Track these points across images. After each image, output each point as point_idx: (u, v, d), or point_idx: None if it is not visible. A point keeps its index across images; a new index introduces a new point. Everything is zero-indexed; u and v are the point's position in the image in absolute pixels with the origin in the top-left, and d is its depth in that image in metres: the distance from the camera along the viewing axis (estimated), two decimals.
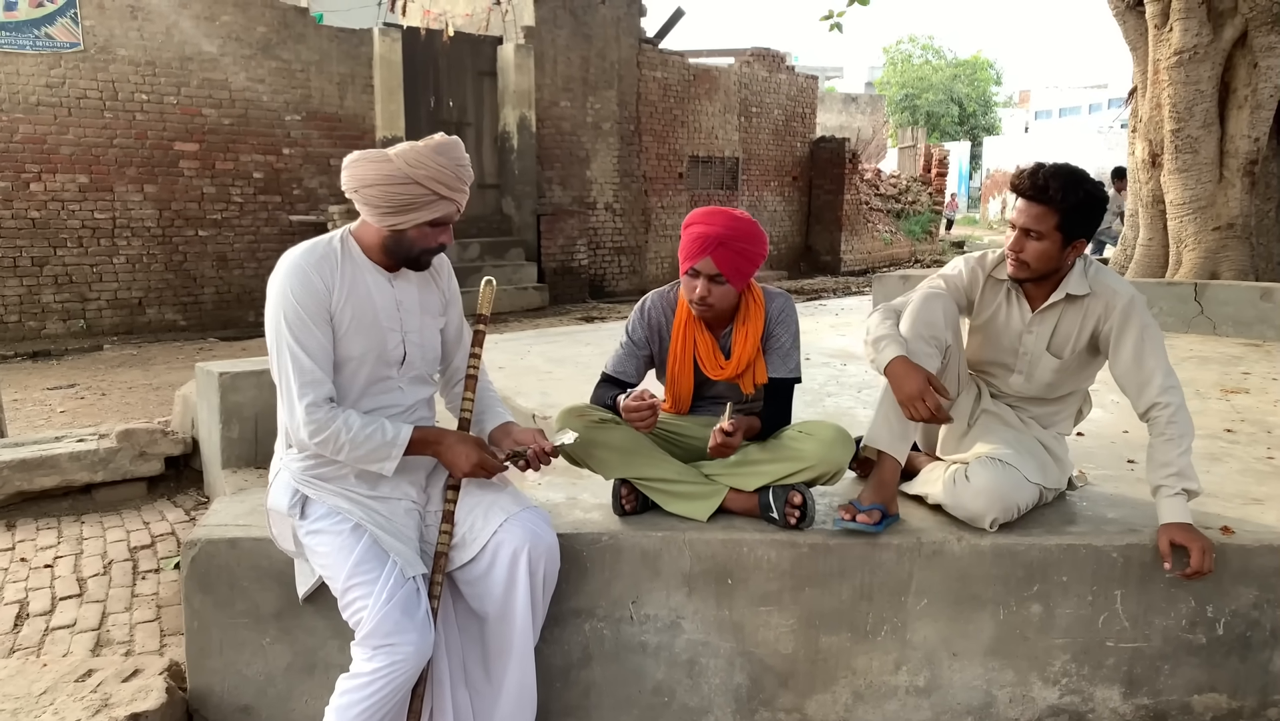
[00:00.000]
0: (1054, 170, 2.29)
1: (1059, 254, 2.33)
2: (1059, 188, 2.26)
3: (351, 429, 1.99)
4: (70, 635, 3.08)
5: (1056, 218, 2.28)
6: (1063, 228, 2.29)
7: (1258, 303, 5.74)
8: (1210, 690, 2.41)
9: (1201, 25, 6.64)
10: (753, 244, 2.35)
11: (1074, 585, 2.34)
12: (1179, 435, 2.28)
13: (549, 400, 3.96)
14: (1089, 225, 2.31)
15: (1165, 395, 2.30)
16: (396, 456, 2.04)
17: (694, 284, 2.34)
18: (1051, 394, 2.54)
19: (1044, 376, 2.50)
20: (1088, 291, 2.39)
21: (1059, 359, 2.47)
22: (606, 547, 2.36)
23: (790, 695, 2.41)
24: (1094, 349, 2.46)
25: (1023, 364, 2.51)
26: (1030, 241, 2.32)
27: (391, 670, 1.94)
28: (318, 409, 1.99)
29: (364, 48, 11.09)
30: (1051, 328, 2.45)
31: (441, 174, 2.03)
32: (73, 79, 9.28)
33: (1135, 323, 2.35)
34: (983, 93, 43.84)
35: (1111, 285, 2.40)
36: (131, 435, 4.42)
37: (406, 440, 2.04)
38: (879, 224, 19.12)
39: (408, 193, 2.01)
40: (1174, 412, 2.29)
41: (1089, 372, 2.55)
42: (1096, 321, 2.41)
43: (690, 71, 15.12)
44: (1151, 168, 7.32)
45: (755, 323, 2.43)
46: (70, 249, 9.52)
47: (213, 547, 2.31)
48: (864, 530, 2.31)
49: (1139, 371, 2.33)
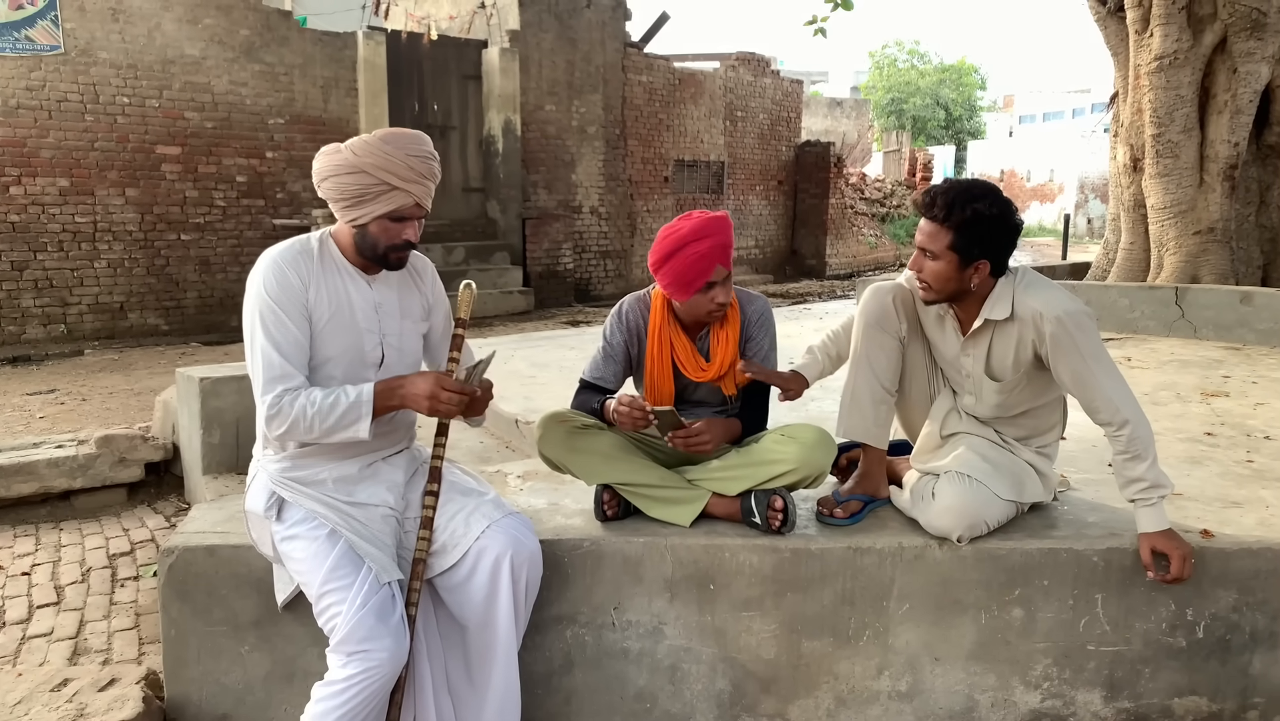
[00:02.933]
0: (948, 187, 2.22)
1: (957, 274, 2.23)
2: (945, 205, 2.18)
3: (315, 402, 1.98)
4: (47, 644, 3.05)
5: (949, 236, 2.19)
6: (956, 247, 2.20)
7: (1238, 306, 5.78)
8: (1190, 693, 2.42)
9: (1182, 31, 6.69)
10: (731, 232, 2.40)
11: (1055, 589, 2.35)
12: (1140, 451, 2.22)
13: (532, 405, 3.95)
14: (987, 245, 2.20)
15: (1117, 414, 2.21)
16: (367, 414, 1.99)
17: (713, 294, 2.35)
18: (1007, 413, 2.44)
19: (990, 399, 2.41)
20: (1009, 314, 2.28)
21: (1000, 381, 2.38)
22: (588, 553, 2.35)
23: (773, 700, 2.40)
24: (1043, 367, 2.34)
25: (969, 385, 2.44)
26: (927, 261, 2.25)
27: (366, 676, 1.92)
28: (279, 399, 1.98)
29: (348, 51, 11.05)
30: (985, 351, 2.37)
31: (389, 163, 2.01)
32: (53, 82, 9.21)
33: (1068, 344, 2.21)
34: (968, 97, 44.05)
35: (1036, 307, 2.24)
36: (111, 441, 4.38)
37: (371, 395, 2.00)
38: (864, 228, 19.18)
39: (357, 183, 2.02)
40: (1131, 431, 2.21)
41: (1049, 389, 2.43)
42: (1031, 345, 2.29)
43: (675, 75, 15.14)
44: (1133, 172, 7.37)
45: (733, 325, 2.45)
46: (50, 253, 9.43)
47: (190, 555, 2.29)
48: (840, 524, 2.35)
49: (1083, 392, 2.25)
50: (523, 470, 2.94)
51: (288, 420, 1.98)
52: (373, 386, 2.03)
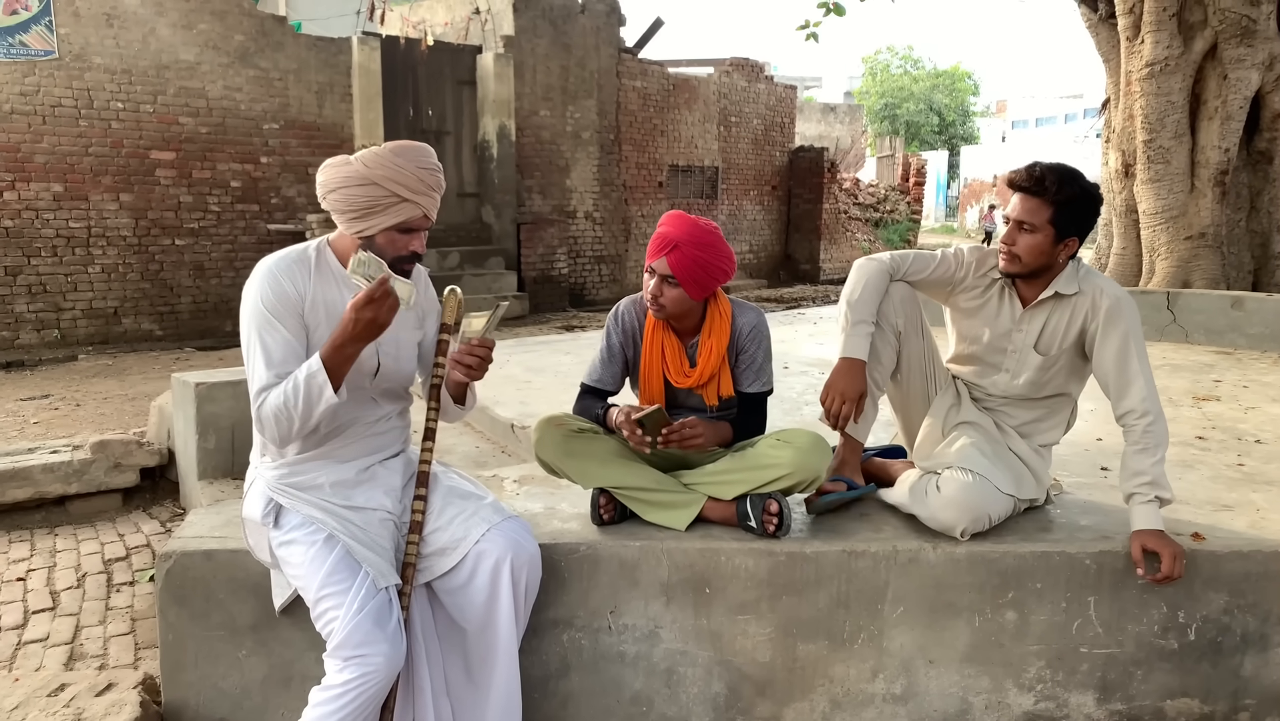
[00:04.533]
0: (1050, 166, 2.34)
1: (1051, 249, 2.36)
2: (1054, 181, 2.30)
3: (283, 389, 1.97)
4: (43, 649, 3.05)
5: (1050, 211, 2.31)
6: (1055, 222, 2.32)
7: (1228, 311, 5.82)
8: (1183, 695, 2.44)
9: (1172, 38, 6.74)
10: (711, 254, 2.36)
11: (1048, 592, 2.36)
12: (1154, 445, 2.30)
13: (528, 409, 3.96)
14: (1081, 222, 2.35)
15: (1144, 404, 2.32)
16: (324, 378, 1.95)
17: (650, 282, 2.39)
18: (1037, 393, 2.54)
19: (1030, 375, 2.51)
20: (1077, 290, 2.42)
21: (1045, 356, 2.49)
22: (585, 557, 2.36)
23: (768, 703, 2.42)
24: (1081, 350, 2.48)
25: (1010, 361, 2.53)
26: (1023, 235, 2.35)
27: (363, 681, 1.93)
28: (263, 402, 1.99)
29: (342, 56, 11.06)
30: (1040, 325, 2.48)
31: (400, 175, 2.03)
32: (47, 87, 9.20)
33: (1120, 324, 2.37)
34: (961, 102, 44.26)
35: (1101, 285, 2.42)
36: (106, 446, 4.37)
37: (319, 362, 1.96)
38: (858, 232, 19.24)
39: (367, 195, 2.02)
40: (1151, 422, 2.31)
41: (1076, 378, 2.56)
42: (1084, 319, 2.43)
43: (670, 81, 15.18)
44: (1125, 178, 7.42)
45: (720, 336, 2.44)
46: (45, 258, 9.42)
47: (188, 560, 2.30)
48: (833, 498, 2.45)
49: (1120, 374, 2.35)
50: (519, 474, 2.95)
51: (271, 418, 1.98)
52: (317, 355, 1.98)
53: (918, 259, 2.56)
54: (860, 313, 2.46)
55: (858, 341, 2.44)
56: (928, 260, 2.55)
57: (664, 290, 2.37)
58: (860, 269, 2.53)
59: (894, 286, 2.52)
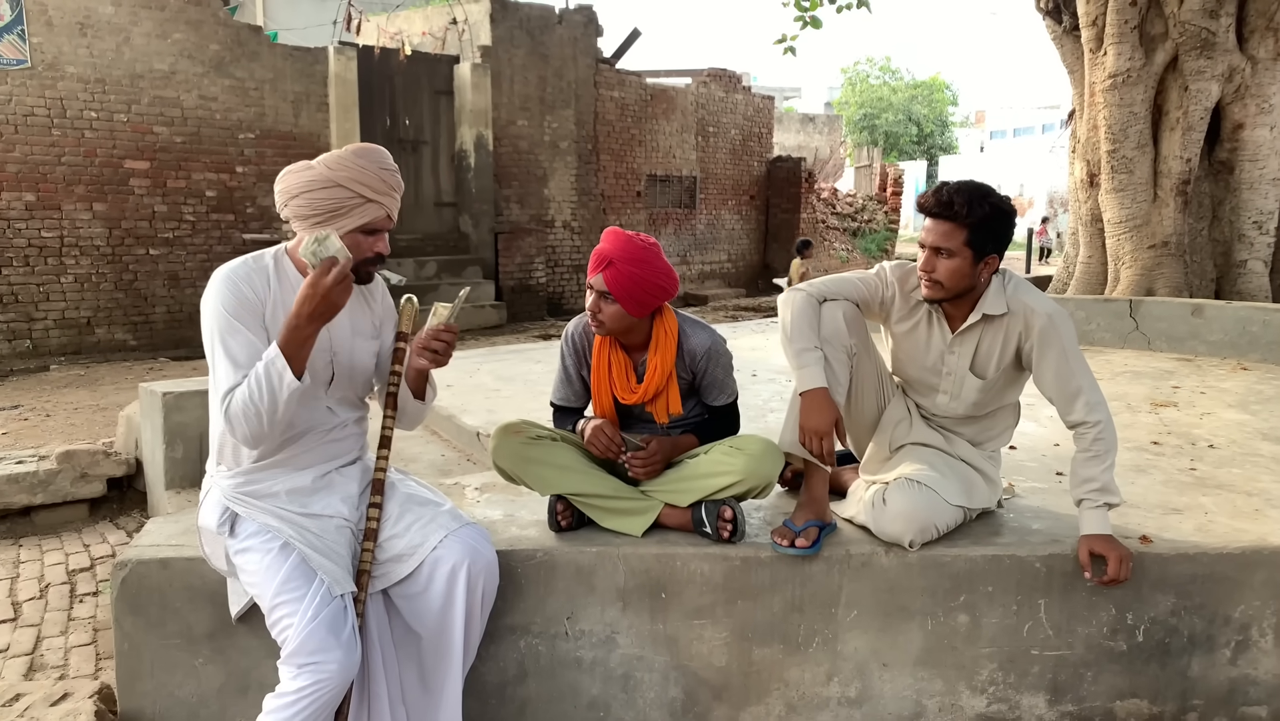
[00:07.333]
0: (957, 187, 2.31)
1: (971, 270, 2.33)
2: (964, 203, 2.27)
3: (246, 385, 1.96)
4: (2, 660, 3.03)
5: (965, 233, 2.29)
6: (972, 243, 2.29)
7: (1189, 318, 5.91)
8: (1132, 696, 2.48)
9: (1134, 50, 6.86)
10: (646, 270, 2.35)
11: (999, 595, 2.40)
12: (1104, 451, 2.33)
13: (495, 417, 3.97)
14: (998, 239, 2.32)
15: (1091, 414, 2.34)
16: (282, 364, 1.94)
17: (589, 297, 2.41)
18: (979, 411, 2.55)
19: (970, 396, 2.51)
20: (1006, 310, 2.40)
21: (983, 379, 2.48)
22: (541, 564, 2.38)
23: (724, 707, 2.44)
24: (1019, 365, 2.48)
25: (947, 384, 2.52)
26: (941, 260, 2.32)
27: (316, 688, 1.94)
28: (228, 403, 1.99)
29: (319, 66, 11.05)
30: (973, 348, 2.46)
31: (364, 175, 2.05)
32: (19, 96, 9.14)
33: (1056, 343, 2.35)
34: (940, 113, 44.58)
35: (1029, 303, 2.39)
36: (72, 456, 4.35)
37: (277, 349, 1.95)
38: (836, 242, 19.38)
39: (332, 197, 2.04)
40: (1100, 430, 2.34)
41: (1016, 388, 2.57)
42: (1018, 339, 2.42)
43: (647, 91, 15.25)
44: (1090, 187, 7.53)
45: (666, 353, 2.44)
46: (16, 268, 9.34)
47: (144, 568, 2.30)
48: (803, 554, 2.35)
49: (1063, 389, 2.36)
50: (481, 482, 2.96)
51: (240, 415, 1.97)
52: (275, 344, 1.96)
53: (842, 282, 2.49)
54: (801, 342, 2.38)
55: (812, 371, 2.35)
56: (852, 283, 2.50)
57: (602, 306, 2.38)
58: (786, 303, 2.45)
59: (843, 307, 2.44)
